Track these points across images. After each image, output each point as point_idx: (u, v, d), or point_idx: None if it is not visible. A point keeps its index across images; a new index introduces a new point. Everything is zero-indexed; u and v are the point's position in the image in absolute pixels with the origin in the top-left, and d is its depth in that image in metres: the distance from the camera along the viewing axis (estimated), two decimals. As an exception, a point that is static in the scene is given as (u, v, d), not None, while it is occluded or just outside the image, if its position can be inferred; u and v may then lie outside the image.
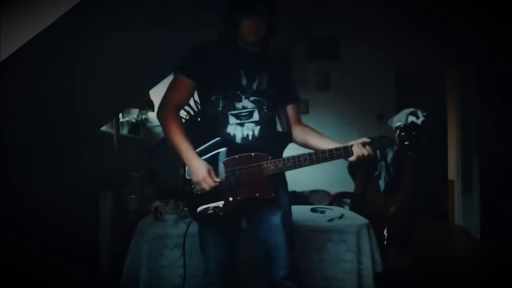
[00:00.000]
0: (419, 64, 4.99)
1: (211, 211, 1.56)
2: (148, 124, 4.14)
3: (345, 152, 1.58)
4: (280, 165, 1.57)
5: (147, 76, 2.58)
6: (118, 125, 3.10)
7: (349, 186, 3.61)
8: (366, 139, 1.60)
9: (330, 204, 3.38)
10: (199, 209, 1.58)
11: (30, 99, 1.67)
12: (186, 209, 2.33)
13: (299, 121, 1.80)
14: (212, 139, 1.61)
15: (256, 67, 1.66)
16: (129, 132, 3.78)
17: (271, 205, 1.62)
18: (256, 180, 1.56)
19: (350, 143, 1.58)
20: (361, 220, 2.29)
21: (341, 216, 2.34)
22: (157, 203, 2.30)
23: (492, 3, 4.11)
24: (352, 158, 1.59)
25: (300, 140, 1.74)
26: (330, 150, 1.58)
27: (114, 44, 1.81)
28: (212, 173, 1.55)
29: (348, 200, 3.76)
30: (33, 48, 1.35)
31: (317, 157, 1.57)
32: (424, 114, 2.71)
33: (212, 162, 1.58)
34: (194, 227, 2.09)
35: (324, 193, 4.41)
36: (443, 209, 5.63)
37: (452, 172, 5.46)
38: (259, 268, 1.71)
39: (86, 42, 1.61)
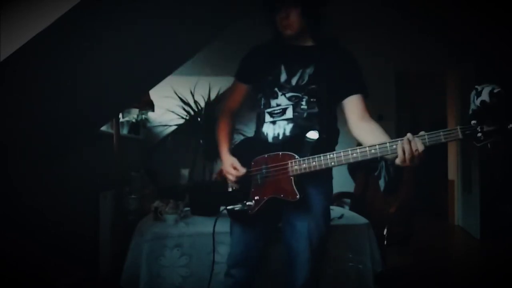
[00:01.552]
0: (419, 64, 5.00)
1: (238, 209, 1.59)
2: (148, 124, 4.15)
3: (382, 150, 1.34)
4: (304, 165, 1.47)
5: (147, 76, 2.58)
6: (118, 125, 3.10)
7: (349, 186, 3.61)
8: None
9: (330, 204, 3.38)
10: (229, 206, 1.61)
11: (30, 99, 1.67)
12: (186, 209, 2.34)
13: (362, 117, 1.59)
14: (254, 137, 1.72)
15: (300, 61, 1.62)
16: (129, 132, 3.78)
17: (300, 209, 1.56)
18: (281, 180, 1.52)
19: (392, 140, 1.34)
20: (361, 220, 2.29)
21: (341, 216, 2.34)
22: (157, 203, 2.30)
23: (492, 3, 4.11)
24: (397, 161, 1.32)
25: (359, 140, 1.55)
26: (362, 149, 1.39)
27: (114, 44, 1.81)
28: (238, 165, 1.59)
29: (348, 200, 3.76)
30: (33, 48, 1.35)
31: (346, 156, 1.40)
32: (495, 91, 1.94)
33: (246, 159, 1.62)
34: (194, 227, 2.11)
35: (324, 193, 4.41)
36: (443, 209, 5.64)
37: (452, 172, 5.46)
38: (280, 271, 1.74)
39: (86, 42, 1.61)
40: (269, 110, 1.63)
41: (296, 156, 1.50)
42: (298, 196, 1.48)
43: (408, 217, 3.03)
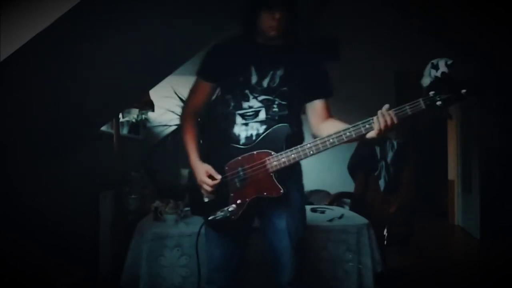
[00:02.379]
0: (419, 64, 4.98)
1: (220, 217, 1.52)
2: (148, 124, 4.15)
3: (356, 131, 1.42)
4: (283, 159, 1.46)
5: (147, 76, 2.58)
6: (118, 125, 3.10)
7: (349, 186, 3.60)
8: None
9: (330, 204, 3.38)
10: (210, 217, 1.53)
11: (30, 99, 1.67)
12: (186, 209, 2.33)
13: (324, 118, 1.63)
14: (223, 139, 1.61)
15: (270, 62, 1.58)
16: (129, 132, 3.79)
17: (278, 207, 1.55)
18: (261, 178, 1.50)
19: (365, 120, 1.43)
20: (361, 220, 2.29)
21: (341, 216, 2.34)
22: (157, 203, 2.30)
23: (492, 3, 4.11)
24: (371, 134, 1.42)
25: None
26: (337, 132, 1.42)
27: (114, 44, 1.81)
28: (213, 172, 1.54)
29: (348, 200, 3.76)
30: (33, 48, 1.35)
31: (323, 142, 1.42)
32: (449, 63, 2.13)
33: (218, 164, 1.56)
34: (194, 227, 2.10)
35: (324, 193, 4.41)
36: (443, 209, 5.64)
37: (452, 172, 5.46)
38: (267, 271, 1.69)
39: (86, 42, 1.61)
40: (240, 112, 1.59)
41: (272, 153, 1.49)
42: (282, 191, 1.48)
43: (408, 217, 3.03)
